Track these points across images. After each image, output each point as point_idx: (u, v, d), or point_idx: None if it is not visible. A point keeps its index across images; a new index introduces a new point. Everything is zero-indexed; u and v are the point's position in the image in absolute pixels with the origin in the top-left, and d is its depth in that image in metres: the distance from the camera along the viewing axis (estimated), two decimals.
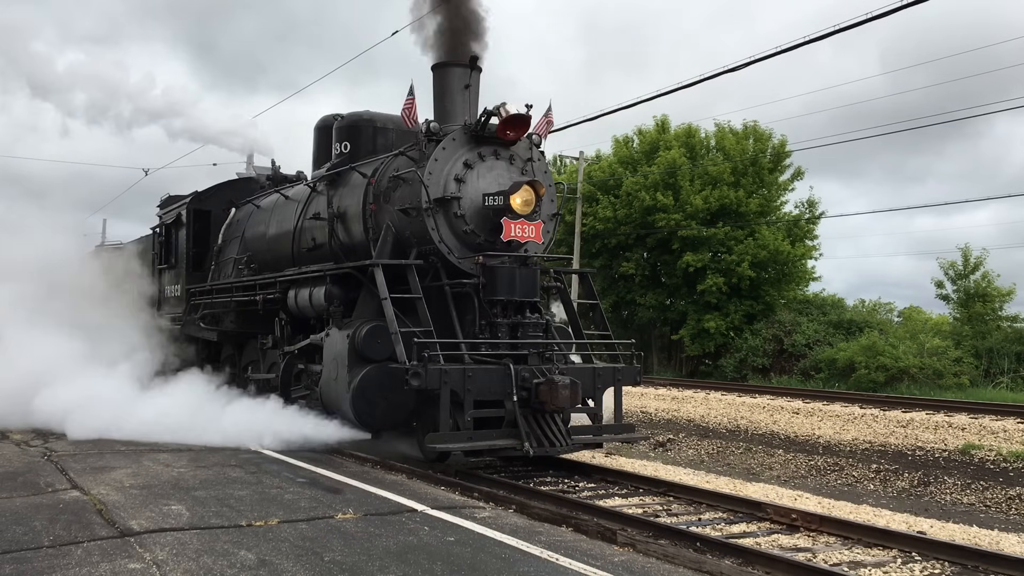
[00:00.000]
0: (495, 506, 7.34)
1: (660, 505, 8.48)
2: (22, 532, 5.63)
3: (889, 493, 12.65)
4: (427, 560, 5.14)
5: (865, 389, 22.53)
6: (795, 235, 29.78)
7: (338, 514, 6.35)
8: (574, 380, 8.91)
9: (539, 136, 10.38)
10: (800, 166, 30.41)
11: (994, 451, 12.83)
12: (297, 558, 5.12)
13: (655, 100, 19.92)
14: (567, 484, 9.42)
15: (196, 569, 4.86)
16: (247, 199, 14.44)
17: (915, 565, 6.45)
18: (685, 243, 28.93)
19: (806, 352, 26.45)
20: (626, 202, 30.31)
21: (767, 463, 14.77)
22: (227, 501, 6.74)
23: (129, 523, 5.92)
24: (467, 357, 8.98)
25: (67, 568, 4.84)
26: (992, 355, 24.33)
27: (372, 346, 9.20)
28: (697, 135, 30.59)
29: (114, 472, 8.04)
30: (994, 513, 11.44)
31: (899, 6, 13.67)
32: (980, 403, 18.03)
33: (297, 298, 10.85)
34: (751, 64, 16.19)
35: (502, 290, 9.42)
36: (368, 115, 11.80)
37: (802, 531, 7.35)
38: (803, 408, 17.22)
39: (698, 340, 28.97)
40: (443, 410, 8.51)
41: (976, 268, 26.51)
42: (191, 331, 14.65)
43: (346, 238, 10.90)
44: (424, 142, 9.73)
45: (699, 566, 5.53)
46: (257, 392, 11.93)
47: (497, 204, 9.51)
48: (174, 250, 15.45)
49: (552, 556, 5.35)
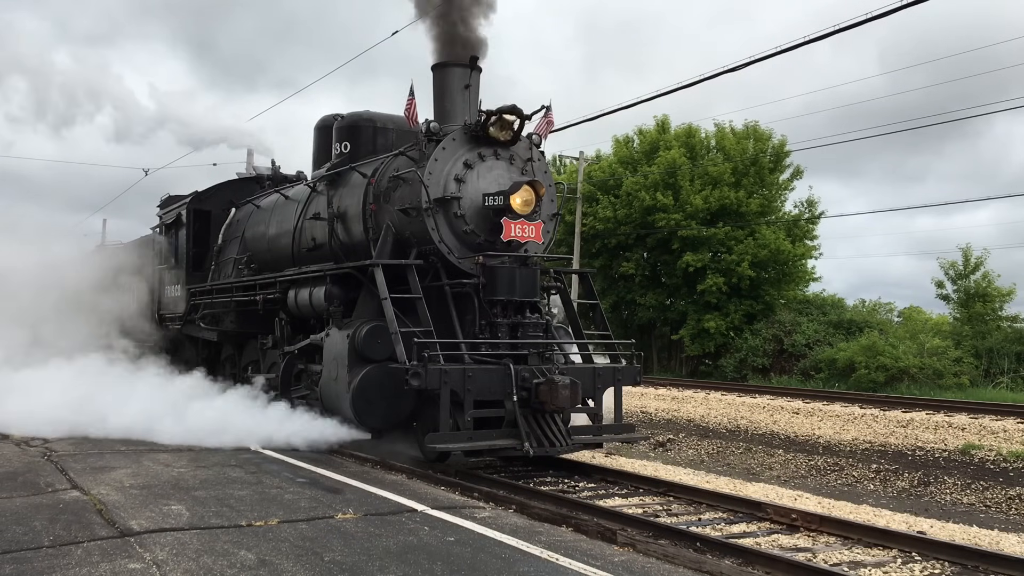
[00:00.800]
0: (495, 506, 7.34)
1: (660, 505, 8.48)
2: (22, 532, 5.63)
3: (889, 493, 12.65)
4: (427, 560, 5.14)
5: (865, 389, 22.53)
6: (795, 235, 29.79)
7: (338, 514, 6.35)
8: (574, 380, 8.91)
9: (539, 136, 10.39)
10: (799, 165, 30.48)
11: (994, 451, 12.83)
12: (297, 558, 5.12)
13: (654, 100, 19.91)
14: (567, 484, 9.42)
15: (196, 569, 4.86)
16: (247, 199, 14.44)
17: (915, 565, 6.45)
18: (685, 243, 28.93)
19: (806, 352, 26.44)
20: (626, 202, 30.31)
21: (767, 463, 14.77)
22: (227, 501, 6.74)
23: (129, 523, 5.92)
24: (467, 357, 8.98)
25: (67, 568, 4.84)
26: (992, 355, 24.33)
27: (372, 346, 9.20)
28: (697, 135, 30.59)
29: (114, 472, 8.03)
30: (994, 513, 11.44)
31: (899, 6, 13.66)
32: (980, 403, 18.03)
33: (297, 298, 10.84)
34: (751, 64, 16.19)
35: (502, 290, 9.42)
36: (368, 115, 11.80)
37: (802, 531, 7.35)
38: (803, 408, 17.22)
39: (698, 340, 28.97)
40: (443, 410, 8.51)
41: (976, 268, 26.52)
42: (191, 331, 14.66)
43: (346, 238, 10.90)
44: (424, 142, 9.73)
45: (699, 566, 5.53)
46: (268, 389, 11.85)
47: (497, 204, 9.51)
48: (174, 250, 15.45)
49: (552, 556, 5.35)
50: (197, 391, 11.79)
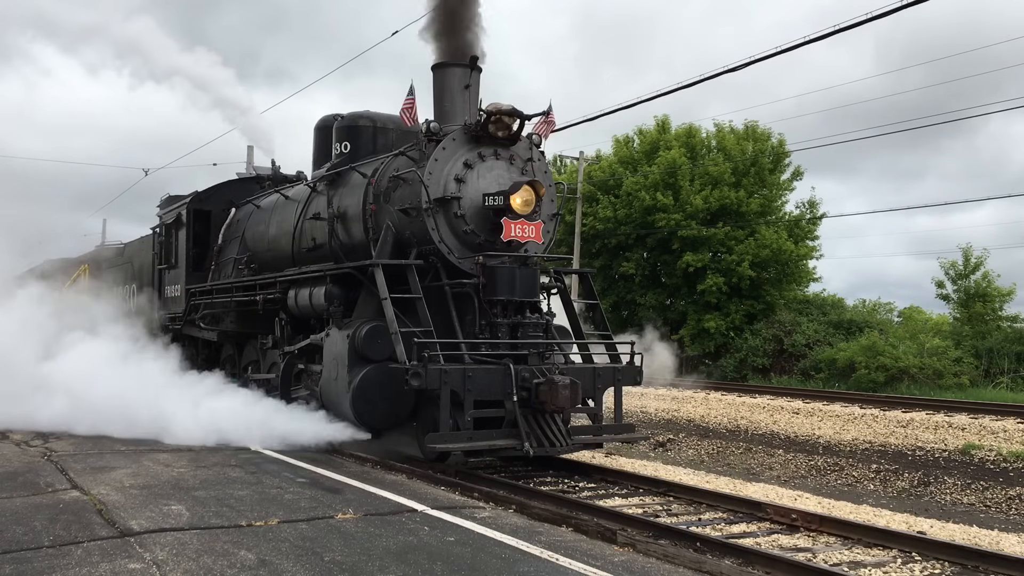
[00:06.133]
0: (495, 506, 7.34)
1: (660, 505, 8.48)
2: (22, 532, 5.63)
3: (889, 493, 12.65)
4: (427, 560, 5.14)
5: (865, 389, 22.52)
6: (796, 235, 29.78)
7: (338, 514, 6.35)
8: (574, 380, 8.90)
9: (539, 136, 10.38)
10: (800, 166, 30.47)
11: (994, 451, 12.84)
12: (297, 558, 5.12)
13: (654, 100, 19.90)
14: (567, 484, 9.42)
15: (196, 569, 4.86)
16: (247, 199, 14.44)
17: (915, 565, 6.46)
18: (685, 243, 28.91)
19: (806, 352, 26.43)
20: (626, 202, 30.30)
21: (767, 463, 14.77)
22: (227, 501, 6.74)
23: (129, 523, 5.92)
24: (467, 357, 8.98)
25: (67, 568, 4.84)
26: (992, 355, 24.31)
27: (372, 346, 9.20)
28: (698, 135, 30.59)
29: (114, 472, 8.03)
30: (994, 513, 11.44)
31: (899, 6, 13.64)
32: (980, 403, 18.02)
33: (297, 298, 10.85)
34: (751, 64, 16.18)
35: (502, 290, 9.41)
36: (368, 115, 11.80)
37: (802, 531, 7.35)
38: (803, 408, 17.22)
39: (698, 340, 28.96)
40: (443, 410, 8.51)
41: (976, 268, 26.52)
42: (191, 331, 14.66)
43: (346, 238, 10.90)
44: (424, 142, 9.73)
45: (699, 566, 5.53)
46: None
47: (497, 204, 9.51)
48: (174, 250, 15.46)
49: (552, 556, 5.35)
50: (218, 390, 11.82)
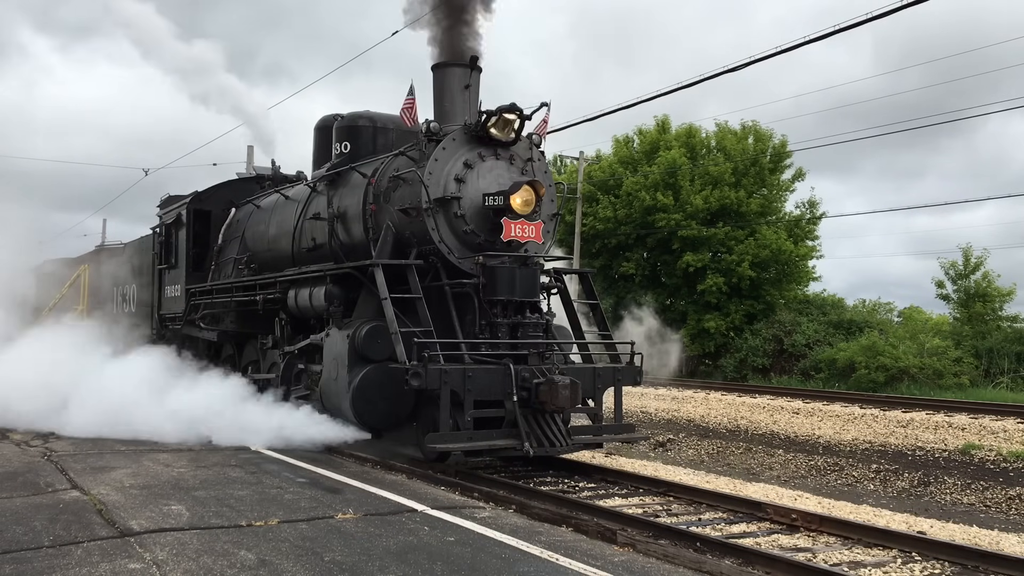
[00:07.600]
0: (495, 506, 7.34)
1: (660, 505, 8.48)
2: (22, 532, 5.63)
3: (889, 493, 12.65)
4: (427, 560, 5.14)
5: (865, 389, 22.52)
6: (796, 235, 29.78)
7: (338, 514, 6.35)
8: (574, 380, 8.90)
9: (539, 136, 10.39)
10: (801, 167, 30.47)
11: (994, 451, 12.84)
12: (297, 558, 5.12)
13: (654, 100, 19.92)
14: (567, 484, 9.42)
15: (196, 569, 4.86)
16: (247, 199, 14.44)
17: (915, 565, 6.45)
18: (685, 243, 28.92)
19: (806, 352, 26.44)
20: (626, 202, 30.30)
21: (767, 463, 14.78)
22: (227, 501, 6.74)
23: (129, 523, 5.92)
24: (467, 357, 8.98)
25: (67, 568, 4.84)
26: (992, 355, 24.31)
27: (372, 346, 9.20)
28: (698, 135, 30.59)
29: (114, 472, 8.04)
30: (994, 513, 11.44)
31: (899, 5, 13.65)
32: (980, 403, 18.03)
33: (297, 298, 10.85)
34: (750, 64, 16.19)
35: (502, 290, 9.41)
36: (368, 115, 11.79)
37: (802, 531, 7.35)
38: (803, 408, 17.22)
39: (698, 340, 28.96)
40: (443, 410, 8.51)
41: (976, 268, 26.51)
42: (191, 331, 14.65)
43: (346, 238, 10.90)
44: (424, 142, 9.73)
45: (699, 566, 5.53)
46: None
47: (497, 204, 9.51)
48: (174, 250, 15.45)
49: (552, 556, 5.35)
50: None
